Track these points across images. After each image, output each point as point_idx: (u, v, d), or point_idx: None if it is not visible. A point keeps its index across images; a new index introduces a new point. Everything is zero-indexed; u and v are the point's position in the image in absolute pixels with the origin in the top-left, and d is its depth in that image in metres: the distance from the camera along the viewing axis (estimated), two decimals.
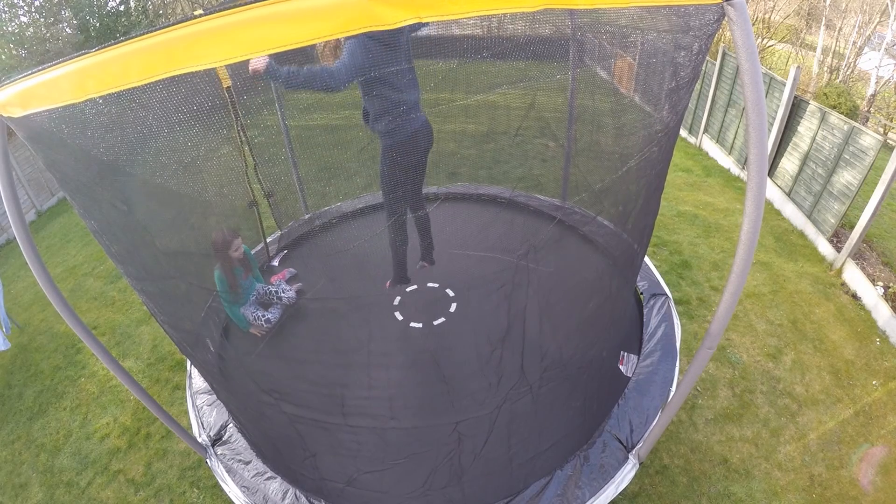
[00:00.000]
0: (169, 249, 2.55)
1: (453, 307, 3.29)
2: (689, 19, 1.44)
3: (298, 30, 1.06)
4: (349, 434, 2.55)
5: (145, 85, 1.18)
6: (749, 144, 1.25)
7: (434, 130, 2.80)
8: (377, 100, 2.51)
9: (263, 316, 3.23)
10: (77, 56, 1.18)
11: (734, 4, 1.11)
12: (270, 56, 2.26)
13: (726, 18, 1.15)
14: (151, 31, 1.10)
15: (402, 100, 2.54)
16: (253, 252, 3.97)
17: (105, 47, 1.14)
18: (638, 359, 2.81)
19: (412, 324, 3.21)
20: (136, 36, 1.11)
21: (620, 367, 2.78)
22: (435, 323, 3.19)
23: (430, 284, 3.48)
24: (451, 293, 3.39)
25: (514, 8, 1.10)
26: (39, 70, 1.25)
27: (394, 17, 1.04)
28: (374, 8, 1.03)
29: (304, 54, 2.56)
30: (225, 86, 3.04)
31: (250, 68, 2.31)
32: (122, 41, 1.12)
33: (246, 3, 1.05)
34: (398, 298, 3.40)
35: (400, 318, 3.26)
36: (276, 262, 4.00)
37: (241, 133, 3.29)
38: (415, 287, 3.44)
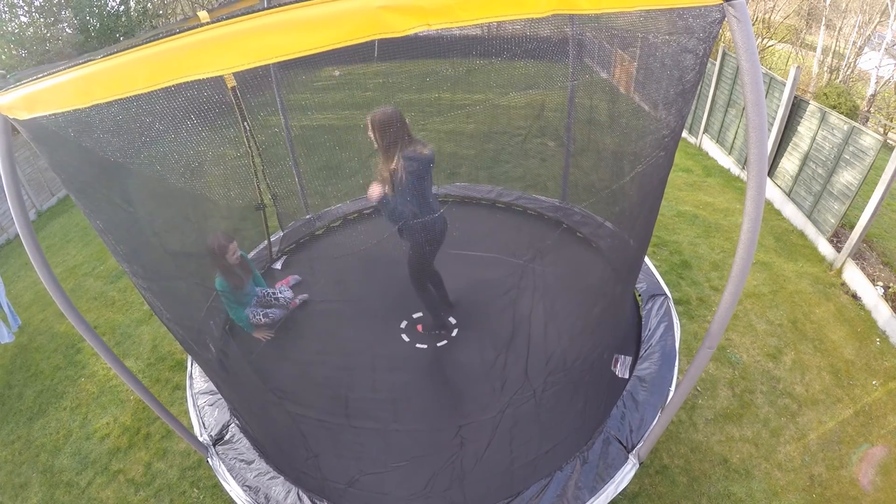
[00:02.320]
0: (173, 250, 2.56)
1: (455, 332, 3.28)
2: (691, 21, 1.45)
3: (307, 38, 1.05)
4: (352, 435, 2.55)
5: (151, 92, 1.18)
6: (749, 144, 1.25)
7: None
8: (419, 197, 2.70)
9: (262, 311, 3.24)
10: (83, 62, 1.19)
11: (734, 5, 1.11)
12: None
13: (727, 19, 1.15)
14: (158, 38, 1.10)
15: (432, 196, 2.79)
16: (255, 252, 3.99)
17: (112, 54, 1.15)
18: (634, 360, 2.81)
19: (418, 345, 3.20)
20: (143, 42, 1.11)
21: (613, 369, 2.78)
22: (438, 345, 3.18)
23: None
24: (453, 320, 3.35)
25: (523, 14, 1.09)
26: (45, 74, 1.26)
27: (403, 24, 1.04)
28: (384, 15, 1.02)
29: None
30: (230, 86, 3.05)
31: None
32: (130, 48, 1.13)
33: (238, 13, 1.05)
34: (405, 322, 3.38)
35: (406, 339, 3.25)
36: (278, 266, 4.00)
37: (249, 135, 3.29)
38: (420, 314, 3.43)
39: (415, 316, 3.41)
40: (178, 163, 2.51)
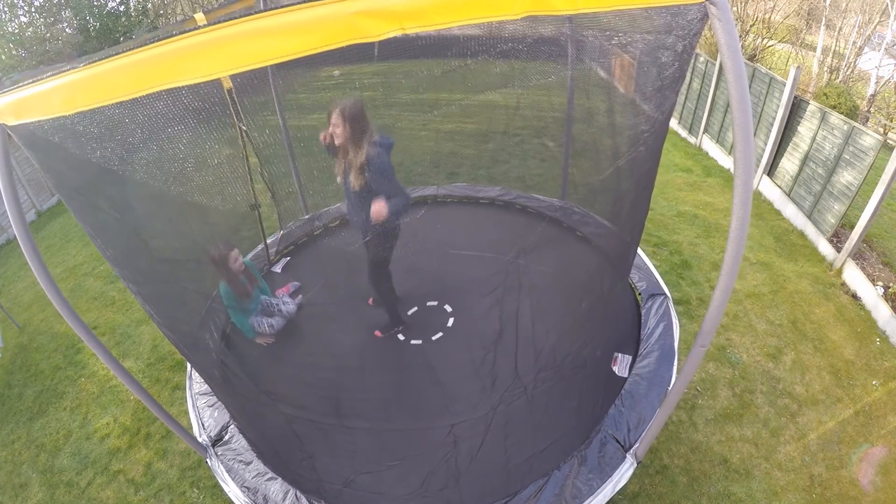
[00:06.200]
0: (164, 254, 2.56)
1: (451, 322, 3.29)
2: (671, 19, 1.45)
3: (285, 43, 1.07)
4: (345, 435, 2.55)
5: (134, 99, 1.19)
6: (735, 141, 1.26)
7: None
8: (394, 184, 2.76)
9: (266, 321, 3.23)
10: (67, 69, 1.21)
11: (716, 3, 1.12)
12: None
13: (709, 17, 1.16)
14: (142, 46, 1.12)
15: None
16: (253, 254, 3.98)
17: (95, 61, 1.17)
18: (633, 359, 2.81)
19: (413, 341, 3.21)
20: (128, 49, 1.13)
21: (613, 368, 2.78)
22: (433, 338, 3.20)
23: (429, 303, 3.47)
24: (448, 308, 3.38)
25: (497, 17, 1.11)
26: (32, 81, 1.28)
27: (378, 29, 1.05)
28: (359, 21, 1.04)
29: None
30: (226, 88, 3.05)
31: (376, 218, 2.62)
32: (113, 55, 1.15)
33: (237, 14, 1.07)
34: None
35: (402, 338, 3.26)
36: (278, 269, 4.00)
37: (244, 136, 3.29)
38: (415, 308, 3.43)
39: (410, 312, 3.42)
40: (169, 165, 2.51)
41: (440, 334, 3.21)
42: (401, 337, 3.26)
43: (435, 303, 3.45)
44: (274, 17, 1.05)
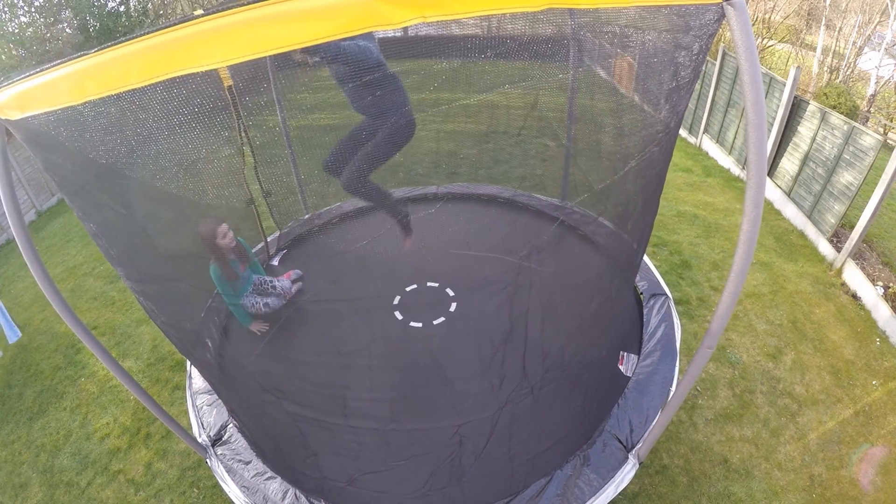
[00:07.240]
0: (169, 251, 2.55)
1: (453, 307, 3.29)
2: (689, 19, 1.45)
3: (302, 29, 1.04)
4: (351, 434, 2.55)
5: (145, 87, 1.16)
6: (748, 144, 1.25)
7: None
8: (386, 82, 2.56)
9: (262, 300, 3.17)
10: (76, 57, 1.17)
11: (734, 4, 1.11)
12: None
13: (726, 18, 1.15)
14: (152, 32, 1.08)
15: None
16: (253, 250, 3.98)
17: (105, 48, 1.13)
18: (638, 359, 2.81)
19: (412, 323, 3.21)
20: (138, 36, 1.09)
21: (620, 367, 2.78)
22: (435, 322, 3.19)
23: (430, 284, 3.48)
24: (451, 293, 3.39)
25: (518, 7, 1.09)
26: (37, 72, 1.23)
27: (399, 16, 1.03)
28: (380, 7, 1.02)
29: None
30: (226, 85, 3.04)
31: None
32: (123, 41, 1.11)
33: (248, 3, 1.03)
34: (398, 298, 3.40)
35: (400, 317, 3.26)
36: (275, 262, 3.99)
37: (243, 133, 3.28)
38: (414, 286, 3.44)
39: (408, 289, 3.43)
40: (172, 162, 2.49)
41: (442, 319, 3.22)
42: (399, 316, 3.25)
43: (436, 284, 3.46)
44: (294, 3, 1.02)
